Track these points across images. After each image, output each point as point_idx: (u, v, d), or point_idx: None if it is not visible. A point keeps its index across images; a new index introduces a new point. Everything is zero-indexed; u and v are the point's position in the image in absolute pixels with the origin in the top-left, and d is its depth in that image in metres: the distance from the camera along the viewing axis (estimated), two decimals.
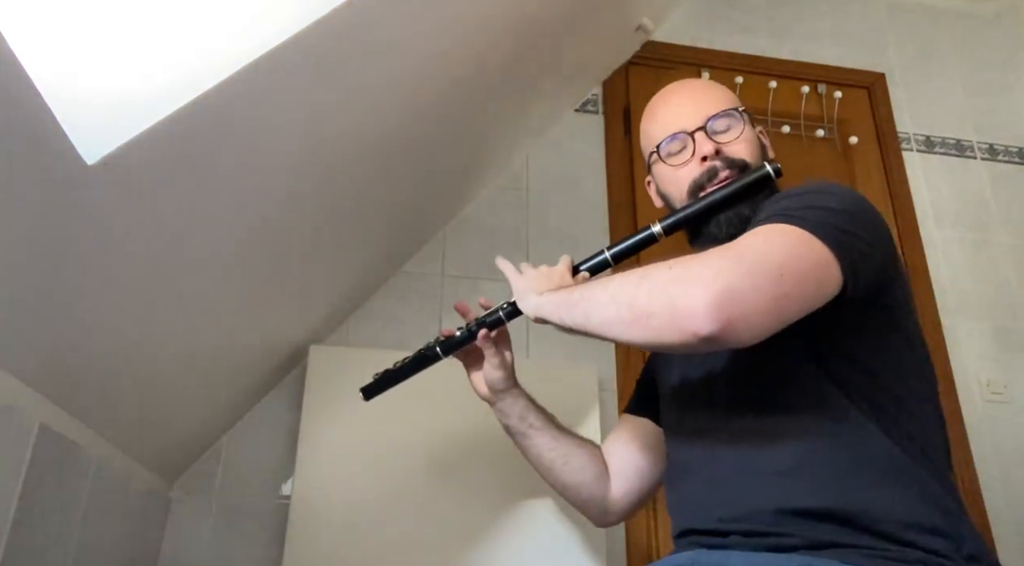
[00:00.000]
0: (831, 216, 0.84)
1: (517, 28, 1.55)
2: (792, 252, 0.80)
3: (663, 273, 0.80)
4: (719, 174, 1.02)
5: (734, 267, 0.77)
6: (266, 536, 1.56)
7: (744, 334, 0.76)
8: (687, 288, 0.76)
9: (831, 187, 0.91)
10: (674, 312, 0.76)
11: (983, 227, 2.23)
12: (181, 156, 0.92)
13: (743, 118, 1.07)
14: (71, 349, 1.01)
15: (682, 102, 1.09)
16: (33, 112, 0.72)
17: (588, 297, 0.90)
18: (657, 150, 1.07)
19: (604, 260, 1.09)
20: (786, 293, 0.77)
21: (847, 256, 0.81)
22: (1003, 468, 1.91)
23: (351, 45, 1.09)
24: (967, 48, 2.50)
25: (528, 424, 1.17)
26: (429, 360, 1.16)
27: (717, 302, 0.73)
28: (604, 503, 1.17)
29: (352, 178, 1.41)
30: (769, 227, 0.84)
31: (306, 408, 1.57)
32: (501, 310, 1.10)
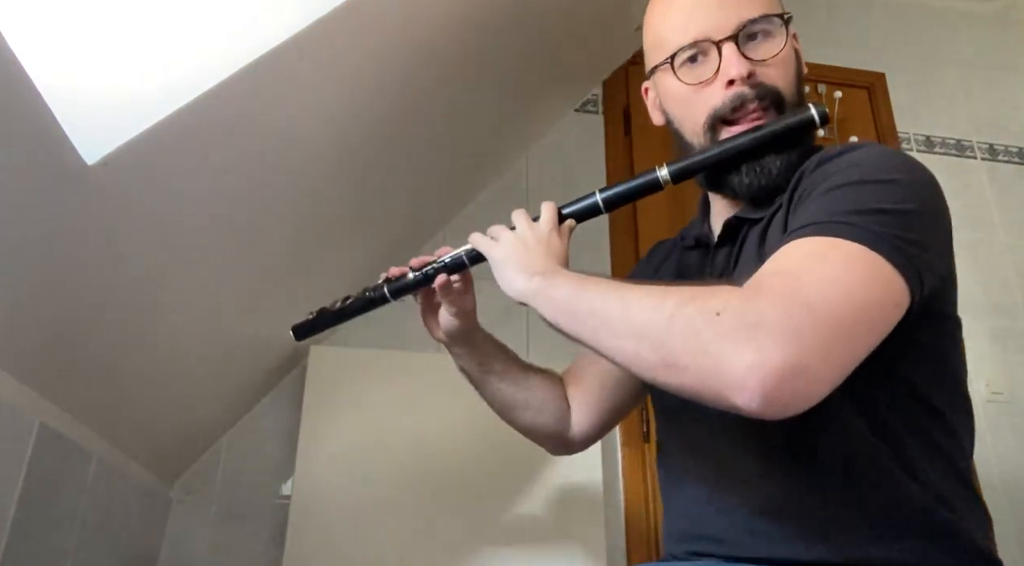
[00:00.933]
0: (899, 223, 0.69)
1: (517, 28, 1.54)
2: (867, 295, 0.65)
3: (706, 319, 0.63)
4: (747, 106, 0.83)
5: (802, 331, 0.60)
6: (266, 536, 1.56)
7: (799, 410, 0.62)
8: (740, 352, 0.60)
9: (891, 168, 0.74)
10: (718, 378, 0.61)
11: (983, 227, 2.23)
12: (181, 156, 0.92)
13: (785, 29, 0.85)
14: (71, 349, 1.01)
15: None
16: (33, 112, 0.72)
17: (601, 312, 0.72)
18: (671, 60, 0.86)
19: (595, 205, 0.92)
20: (857, 353, 0.64)
21: (918, 277, 0.68)
22: (1003, 468, 1.91)
23: (350, 45, 1.09)
24: (967, 48, 2.50)
25: (487, 370, 1.03)
26: (376, 302, 1.00)
27: (776, 382, 0.59)
28: (562, 437, 1.08)
29: (352, 178, 1.41)
30: (833, 246, 0.67)
31: (306, 408, 1.57)
32: (465, 254, 0.95)
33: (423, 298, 1.02)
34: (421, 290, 0.99)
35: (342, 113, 1.21)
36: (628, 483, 1.74)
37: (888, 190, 0.72)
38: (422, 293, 1.01)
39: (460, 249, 0.96)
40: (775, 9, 0.86)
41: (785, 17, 0.86)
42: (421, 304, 1.04)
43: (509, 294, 0.85)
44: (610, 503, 1.67)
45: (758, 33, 0.85)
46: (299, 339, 1.06)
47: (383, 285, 0.99)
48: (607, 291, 0.74)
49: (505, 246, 0.88)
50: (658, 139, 2.17)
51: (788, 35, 0.86)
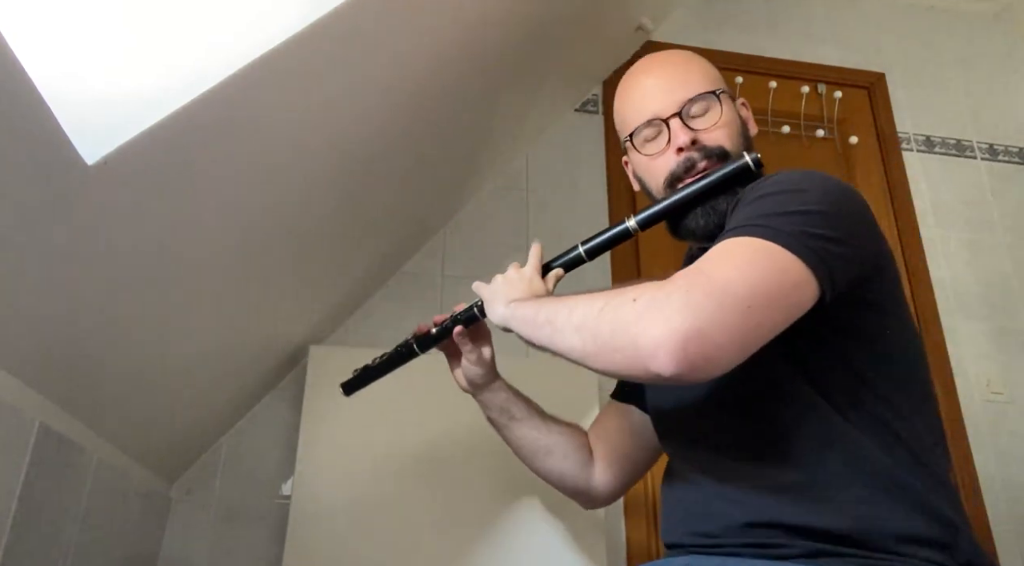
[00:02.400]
0: (805, 221, 0.79)
1: (517, 28, 1.55)
2: (762, 277, 0.75)
3: (627, 307, 0.76)
4: (696, 165, 0.98)
5: (698, 304, 0.72)
6: (266, 536, 1.56)
7: (709, 373, 0.73)
8: (649, 327, 0.72)
9: (803, 181, 0.87)
10: (637, 351, 0.73)
11: (983, 227, 2.23)
12: (181, 156, 0.92)
13: (721, 100, 1.00)
14: (71, 349, 1.01)
15: (656, 84, 1.02)
16: (33, 112, 0.72)
17: (553, 321, 0.87)
18: (631, 138, 1.03)
19: (578, 256, 1.05)
20: (755, 324, 0.74)
21: (823, 265, 0.77)
22: (1003, 468, 1.91)
23: (350, 46, 1.09)
24: (967, 48, 2.50)
25: (509, 416, 1.17)
26: (406, 356, 1.17)
27: (679, 344, 0.70)
28: (589, 489, 1.17)
29: (352, 178, 1.41)
30: (737, 243, 0.79)
31: (306, 408, 1.57)
32: (476, 306, 1.09)
33: (448, 353, 1.19)
34: (444, 342, 1.15)
35: (342, 113, 1.21)
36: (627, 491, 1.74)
37: (797, 197, 0.83)
38: (446, 345, 1.17)
39: (472, 302, 1.10)
40: (712, 86, 1.02)
41: (718, 92, 1.01)
42: (447, 356, 1.20)
43: (495, 322, 1.02)
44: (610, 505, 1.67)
45: (699, 107, 1.00)
46: (347, 394, 1.25)
47: (412, 341, 1.17)
48: (559, 302, 0.89)
49: (493, 285, 1.05)
50: None
51: (722, 105, 1.01)
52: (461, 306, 1.12)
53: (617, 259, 1.93)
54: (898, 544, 0.77)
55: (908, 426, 0.84)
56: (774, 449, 0.85)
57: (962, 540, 0.80)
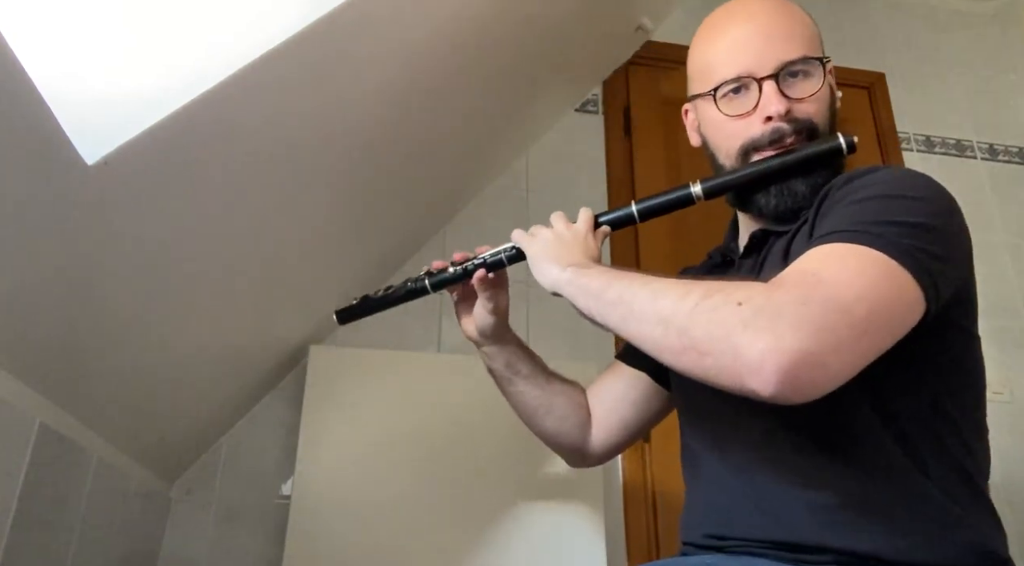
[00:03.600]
0: (918, 235, 0.72)
1: (517, 28, 1.55)
2: (881, 297, 0.68)
3: (729, 308, 0.67)
4: (784, 139, 0.89)
5: (816, 322, 0.64)
6: (266, 536, 1.56)
7: (812, 398, 0.66)
8: (757, 339, 0.64)
9: (912, 186, 0.79)
10: (736, 362, 0.65)
11: (983, 227, 2.23)
12: (181, 156, 0.92)
13: (823, 69, 0.91)
14: (71, 349, 1.01)
15: (755, 35, 0.90)
16: (33, 112, 0.72)
17: (630, 302, 0.76)
18: (715, 91, 0.91)
19: (629, 215, 0.97)
20: (869, 349, 0.68)
21: (933, 286, 0.71)
22: (1004, 468, 1.91)
23: (351, 45, 1.09)
24: (967, 48, 2.50)
25: (514, 371, 1.09)
26: (416, 293, 1.05)
27: (790, 366, 0.63)
28: (582, 450, 1.12)
29: (352, 178, 1.41)
30: (850, 251, 0.71)
31: (306, 408, 1.57)
32: (504, 252, 1.00)
33: (459, 294, 1.08)
34: (458, 286, 1.05)
35: (342, 114, 1.21)
36: (628, 482, 1.74)
37: (909, 205, 0.76)
38: (458, 289, 1.07)
39: (500, 248, 1.01)
40: (815, 51, 0.92)
41: (824, 60, 0.91)
42: (456, 301, 1.09)
43: (543, 284, 0.90)
44: (610, 502, 1.67)
45: (798, 72, 0.90)
46: (341, 323, 1.12)
47: (424, 277, 1.05)
48: (636, 281, 0.78)
49: (543, 241, 0.94)
50: (658, 139, 2.19)
51: (825, 75, 0.91)
52: (486, 248, 1.02)
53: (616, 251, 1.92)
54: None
55: (969, 454, 0.80)
56: (826, 468, 0.79)
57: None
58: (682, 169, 2.06)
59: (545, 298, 0.93)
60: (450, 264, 1.03)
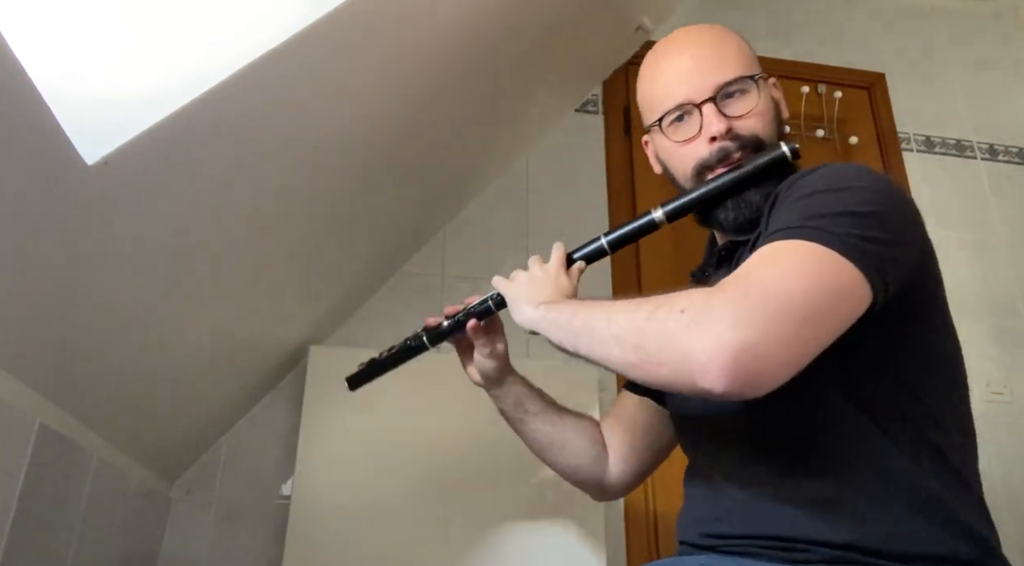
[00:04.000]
0: (856, 223, 0.75)
1: (517, 28, 1.55)
2: (817, 286, 0.71)
3: (673, 318, 0.71)
4: (731, 155, 0.93)
5: (752, 315, 0.68)
6: (266, 536, 1.56)
7: (762, 389, 0.68)
8: (700, 340, 0.68)
9: (850, 177, 0.82)
10: (686, 365, 0.69)
11: (983, 227, 2.23)
12: (181, 156, 0.92)
13: (759, 85, 0.95)
14: (71, 349, 1.01)
15: (690, 65, 0.96)
16: (33, 112, 0.72)
17: (592, 327, 0.82)
18: (660, 122, 0.97)
19: (600, 248, 1.01)
20: (810, 336, 0.70)
21: (876, 270, 0.73)
22: (1004, 468, 1.91)
23: (350, 46, 1.09)
24: (967, 48, 2.50)
25: (523, 410, 1.12)
26: (416, 350, 1.11)
27: (733, 361, 0.66)
28: (601, 483, 1.14)
29: (352, 178, 1.41)
30: (787, 246, 0.74)
31: (306, 408, 1.57)
32: (491, 299, 1.04)
33: (459, 345, 1.13)
34: (455, 336, 1.09)
35: (342, 114, 1.21)
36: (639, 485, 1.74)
37: (845, 196, 0.79)
38: (457, 339, 1.11)
39: (487, 295, 1.05)
40: (749, 70, 0.96)
41: (756, 77, 0.96)
42: (458, 350, 1.14)
43: (521, 324, 0.96)
44: (610, 503, 1.67)
45: (734, 92, 0.94)
46: (352, 389, 1.18)
47: (422, 334, 1.10)
48: (596, 308, 0.84)
49: (518, 284, 0.99)
50: None
51: (760, 90, 0.95)
52: (475, 298, 1.07)
53: (616, 260, 1.93)
54: (930, 563, 0.75)
55: (948, 439, 0.81)
56: (806, 461, 0.81)
57: (996, 560, 0.78)
58: None
59: None
60: (444, 318, 1.09)
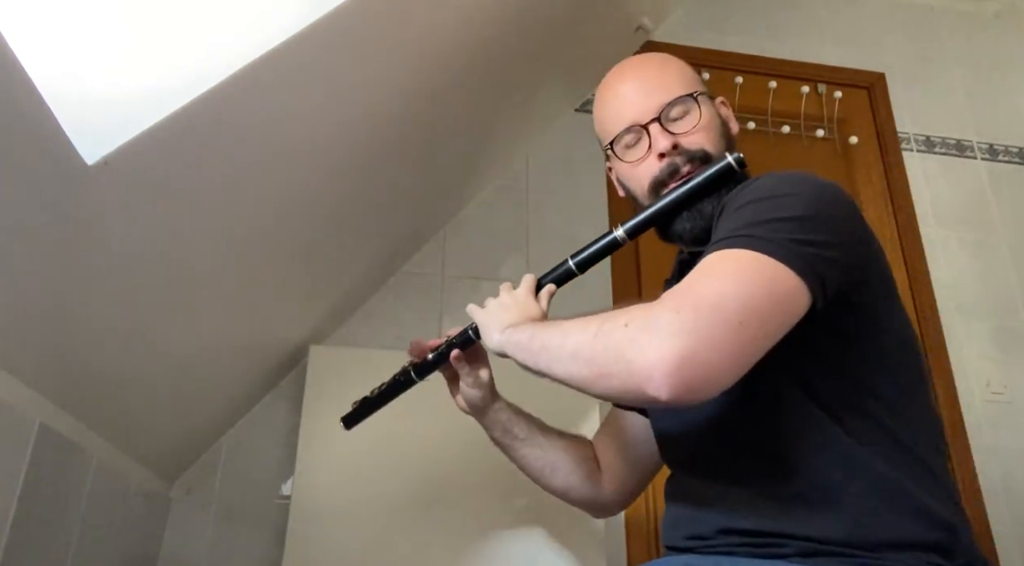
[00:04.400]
0: (791, 228, 0.78)
1: (517, 28, 1.55)
2: (752, 290, 0.74)
3: (619, 332, 0.75)
4: (680, 169, 0.97)
5: (689, 324, 0.71)
6: (266, 536, 1.56)
7: (707, 393, 0.72)
8: (642, 351, 0.72)
9: (786, 186, 0.85)
10: (632, 376, 0.73)
11: (983, 227, 2.23)
12: (181, 156, 0.92)
13: (699, 102, 0.99)
14: (71, 349, 1.01)
15: (633, 89, 1.02)
16: (33, 112, 0.72)
17: (548, 347, 0.86)
18: (611, 146, 1.02)
19: (568, 270, 1.04)
20: (749, 340, 0.73)
21: (812, 271, 0.77)
22: (1003, 468, 1.91)
23: (350, 46, 1.09)
24: (967, 48, 2.50)
25: (512, 436, 1.15)
26: (405, 385, 1.15)
27: (674, 368, 0.70)
28: (598, 500, 1.17)
29: (352, 178, 1.41)
30: (722, 256, 0.78)
31: (306, 408, 1.57)
32: (470, 329, 1.07)
33: (446, 373, 1.16)
34: (441, 367, 1.13)
35: (343, 114, 1.21)
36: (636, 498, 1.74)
37: (780, 202, 0.82)
38: (446, 373, 1.15)
39: (467, 325, 1.08)
40: (690, 89, 1.01)
41: (696, 94, 1.00)
42: (446, 380, 1.17)
43: (490, 349, 1.01)
44: None
45: (679, 113, 0.99)
46: (348, 428, 1.21)
47: (409, 368, 1.14)
48: (553, 327, 0.89)
49: (488, 311, 1.03)
50: None
51: (702, 107, 0.99)
52: (456, 330, 1.10)
53: (617, 264, 1.93)
54: (895, 550, 0.77)
55: (905, 426, 0.84)
56: (772, 460, 0.84)
57: (960, 542, 0.80)
58: None
59: None
60: (429, 352, 1.11)
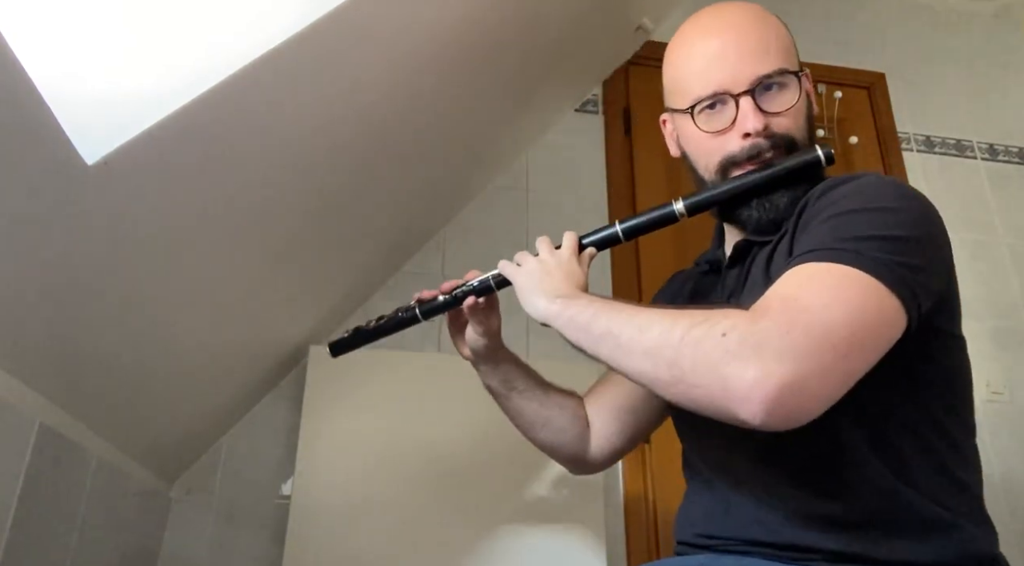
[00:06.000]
0: (898, 249, 0.73)
1: (517, 28, 1.55)
2: (862, 318, 0.69)
3: (714, 340, 0.68)
4: (762, 154, 0.89)
5: (799, 349, 0.65)
6: (266, 536, 1.56)
7: (799, 423, 0.67)
8: (744, 369, 0.65)
9: (886, 197, 0.80)
10: (725, 394, 0.66)
11: (983, 227, 2.23)
12: (181, 156, 0.92)
13: (799, 81, 0.91)
14: (71, 349, 1.01)
15: (729, 49, 0.90)
16: (33, 112, 0.72)
17: (617, 335, 0.77)
18: (692, 109, 0.92)
19: (614, 235, 0.97)
20: (853, 370, 0.69)
21: (914, 299, 0.72)
22: (1003, 468, 1.91)
23: (350, 46, 1.09)
24: (967, 48, 2.50)
25: (510, 388, 1.09)
26: (407, 322, 1.07)
27: (777, 396, 0.64)
28: (582, 458, 1.13)
29: (352, 178, 1.41)
30: (825, 271, 0.72)
31: (306, 408, 1.57)
32: (492, 279, 1.00)
33: (451, 318, 1.08)
34: (449, 311, 1.05)
35: (343, 113, 1.21)
36: (628, 482, 1.74)
37: (886, 218, 0.77)
38: (450, 314, 1.07)
39: (488, 274, 1.01)
40: (791, 64, 0.91)
41: (799, 73, 0.91)
42: (449, 324, 1.10)
43: (533, 316, 0.90)
44: (610, 502, 1.67)
45: (773, 85, 0.90)
46: (335, 355, 1.13)
47: (415, 306, 1.05)
48: (623, 313, 0.79)
49: (528, 271, 0.93)
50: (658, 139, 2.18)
51: (802, 87, 0.91)
52: (474, 274, 1.03)
53: (617, 261, 1.93)
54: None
55: (959, 456, 0.81)
56: (813, 480, 0.80)
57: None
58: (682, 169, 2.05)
59: None
60: (440, 294, 1.04)
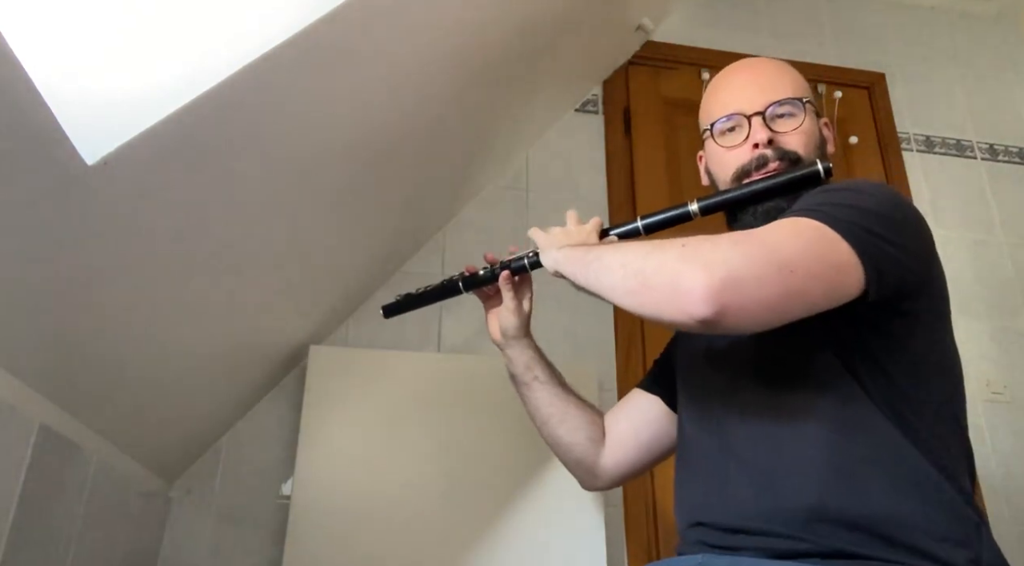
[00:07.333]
0: (863, 216, 0.82)
1: (517, 28, 1.55)
2: (809, 249, 0.79)
3: (674, 249, 0.79)
4: (769, 164, 1.00)
5: (743, 255, 0.76)
6: (266, 536, 1.56)
7: (741, 323, 0.76)
8: (692, 268, 0.75)
9: (868, 186, 0.89)
10: (675, 289, 0.76)
11: (983, 227, 2.23)
12: (181, 156, 0.92)
13: (806, 109, 1.04)
14: (71, 349, 1.01)
15: (747, 83, 1.06)
16: (33, 112, 0.72)
17: (602, 258, 0.90)
18: (711, 128, 1.06)
19: (635, 229, 1.08)
20: (794, 290, 0.76)
21: (872, 259, 0.80)
22: (1003, 468, 1.91)
23: (350, 46, 1.09)
24: (967, 48, 2.50)
25: (533, 376, 1.17)
26: (450, 291, 1.19)
27: (717, 288, 0.73)
28: (593, 468, 1.17)
29: (352, 177, 1.41)
30: (794, 220, 0.83)
31: (306, 408, 1.57)
32: (526, 257, 1.12)
33: (486, 296, 1.21)
34: (487, 288, 1.18)
35: (343, 114, 1.21)
36: (628, 484, 1.74)
37: (858, 197, 0.86)
38: (485, 292, 1.20)
39: (526, 251, 1.13)
40: (799, 94, 1.05)
41: (804, 100, 1.04)
42: (483, 302, 1.23)
43: (547, 266, 1.05)
44: (610, 502, 1.67)
45: (784, 113, 1.03)
46: (387, 317, 1.26)
47: (458, 279, 1.19)
48: (613, 246, 0.94)
49: (552, 234, 1.09)
50: (658, 139, 2.19)
51: (807, 114, 1.04)
52: (515, 249, 1.15)
53: None
54: (924, 542, 0.77)
55: (934, 432, 0.85)
56: (806, 435, 0.85)
57: (984, 542, 0.81)
58: (681, 169, 2.06)
59: (547, 299, 0.97)
60: (481, 269, 1.17)
